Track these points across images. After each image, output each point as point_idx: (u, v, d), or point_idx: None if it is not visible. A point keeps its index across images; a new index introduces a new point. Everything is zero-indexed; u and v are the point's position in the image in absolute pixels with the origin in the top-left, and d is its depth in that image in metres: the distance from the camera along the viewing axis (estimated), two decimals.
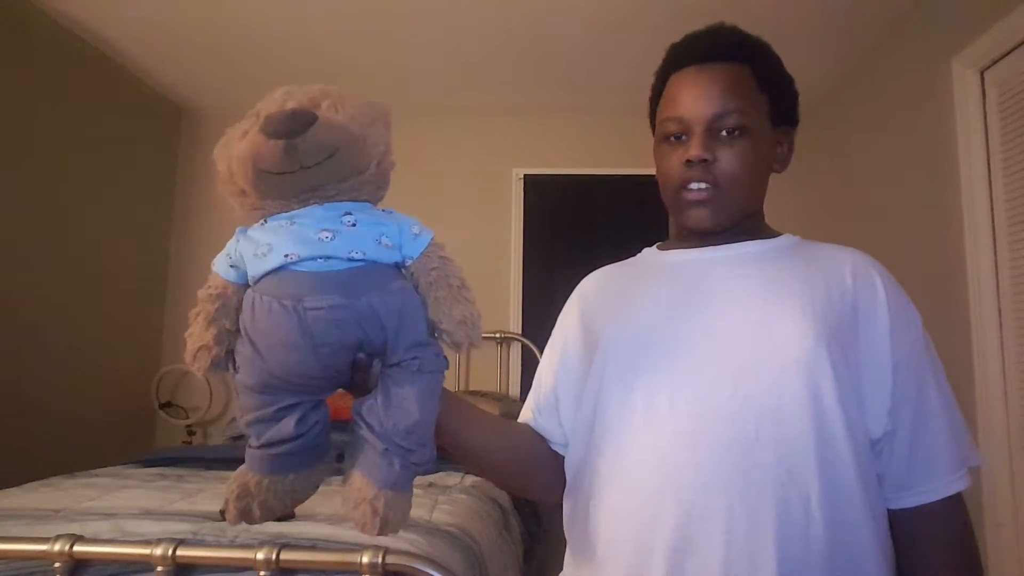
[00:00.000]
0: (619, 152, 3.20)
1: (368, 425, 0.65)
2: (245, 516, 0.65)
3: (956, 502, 0.75)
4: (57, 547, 1.08)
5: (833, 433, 0.70)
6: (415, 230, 0.68)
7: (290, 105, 0.62)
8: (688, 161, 0.79)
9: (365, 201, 0.68)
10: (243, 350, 0.63)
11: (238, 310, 0.64)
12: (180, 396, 3.21)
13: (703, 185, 0.79)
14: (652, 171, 0.88)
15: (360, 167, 0.66)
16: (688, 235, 0.87)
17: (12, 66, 2.33)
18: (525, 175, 3.29)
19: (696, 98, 0.80)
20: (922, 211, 2.25)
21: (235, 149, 0.63)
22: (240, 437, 2.64)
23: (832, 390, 0.70)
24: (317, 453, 0.67)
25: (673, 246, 0.90)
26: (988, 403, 1.89)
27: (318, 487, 0.68)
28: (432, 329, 0.68)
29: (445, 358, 0.69)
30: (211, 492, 1.65)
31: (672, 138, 0.83)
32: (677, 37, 0.87)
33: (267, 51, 2.73)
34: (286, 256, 0.62)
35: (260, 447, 0.65)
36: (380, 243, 0.65)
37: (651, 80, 0.90)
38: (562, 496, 0.88)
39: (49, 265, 2.52)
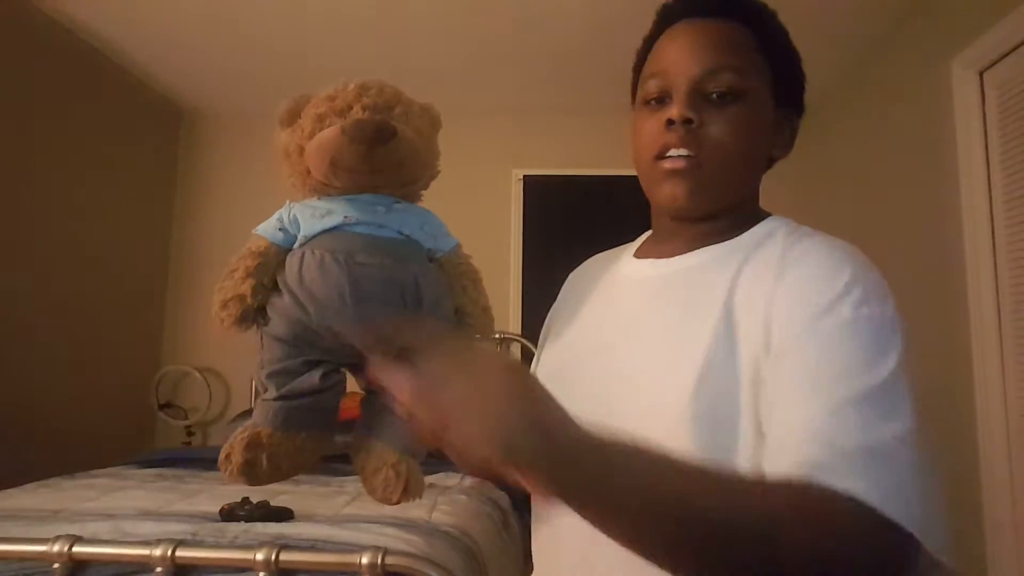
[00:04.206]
0: (619, 152, 3.16)
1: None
2: (251, 468, 0.67)
3: None
4: (56, 548, 1.08)
5: None
6: (446, 230, 0.79)
7: (366, 101, 0.71)
8: (669, 122, 0.66)
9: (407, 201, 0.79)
10: (279, 302, 0.69)
11: (275, 271, 0.70)
12: (180, 397, 3.21)
13: (684, 152, 0.66)
14: None
15: (416, 177, 0.77)
16: (663, 227, 0.76)
17: (12, 66, 2.33)
18: (525, 175, 3.29)
19: (682, 51, 0.68)
20: (922, 211, 2.25)
21: (315, 137, 0.71)
22: None
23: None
24: (328, 419, 0.71)
25: (645, 251, 0.78)
26: (988, 403, 1.89)
27: (318, 458, 0.71)
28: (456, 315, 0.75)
29: None
30: (210, 493, 1.65)
31: (653, 102, 0.69)
32: None
33: (267, 52, 2.72)
34: (345, 217, 0.70)
35: (278, 398, 0.68)
36: (423, 229, 0.75)
37: None
38: None
39: (49, 265, 2.52)
